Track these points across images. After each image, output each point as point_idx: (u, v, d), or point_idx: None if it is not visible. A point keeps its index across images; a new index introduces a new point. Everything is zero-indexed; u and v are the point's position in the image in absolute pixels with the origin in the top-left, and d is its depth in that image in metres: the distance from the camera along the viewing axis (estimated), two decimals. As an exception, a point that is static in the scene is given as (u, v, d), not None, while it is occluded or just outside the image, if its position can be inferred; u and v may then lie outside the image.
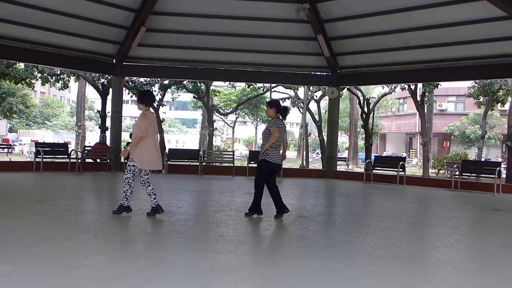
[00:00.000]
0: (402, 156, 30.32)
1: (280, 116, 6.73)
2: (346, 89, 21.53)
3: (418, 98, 20.64)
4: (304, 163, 24.43)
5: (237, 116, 40.48)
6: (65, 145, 15.59)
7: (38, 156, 12.98)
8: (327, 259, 4.56)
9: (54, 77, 18.78)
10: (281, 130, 6.58)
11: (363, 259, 4.51)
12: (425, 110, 22.39)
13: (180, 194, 9.47)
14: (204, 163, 14.97)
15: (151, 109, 6.64)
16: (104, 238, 5.12)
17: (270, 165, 6.59)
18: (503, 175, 14.04)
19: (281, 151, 6.82)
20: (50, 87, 27.22)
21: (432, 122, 28.30)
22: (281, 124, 6.67)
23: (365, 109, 20.94)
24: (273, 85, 24.47)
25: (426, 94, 21.15)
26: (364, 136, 22.29)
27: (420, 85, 21.14)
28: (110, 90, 17.01)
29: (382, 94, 23.93)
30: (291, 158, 36.36)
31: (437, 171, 25.18)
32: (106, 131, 17.17)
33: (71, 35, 13.04)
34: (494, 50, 11.91)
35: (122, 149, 14.69)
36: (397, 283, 3.82)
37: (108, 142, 15.37)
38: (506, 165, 18.11)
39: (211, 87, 23.93)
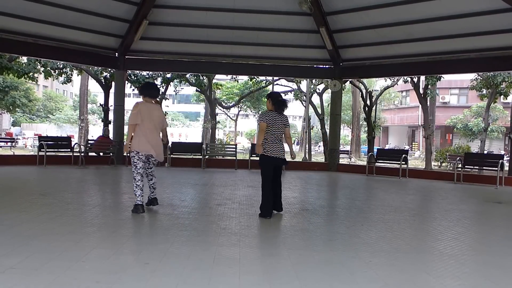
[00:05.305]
0: (405, 149, 30.33)
1: (275, 108, 6.31)
2: (348, 82, 21.48)
3: (421, 91, 20.58)
4: (307, 156, 24.44)
5: (239, 109, 40.42)
6: (68, 138, 15.62)
7: (42, 149, 13.02)
8: (329, 252, 4.58)
9: (57, 70, 18.79)
10: (269, 124, 6.19)
11: (365, 252, 4.52)
12: (428, 103, 22.33)
13: (183, 187, 9.50)
14: (206, 156, 15.00)
15: (153, 101, 6.48)
16: (108, 231, 5.14)
17: (269, 159, 6.22)
18: (506, 168, 14.02)
19: (282, 145, 6.39)
20: (53, 80, 27.27)
21: (435, 115, 28.22)
22: (271, 117, 6.23)
23: (368, 102, 20.90)
24: (275, 78, 24.41)
25: (429, 86, 21.10)
26: (366, 129, 22.26)
27: (422, 77, 21.08)
28: (113, 83, 17.04)
29: (385, 87, 23.89)
30: (294, 151, 36.34)
31: (439, 164, 25.18)
32: (109, 125, 17.21)
33: (73, 28, 13.05)
34: (497, 42, 11.86)
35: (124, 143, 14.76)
36: (400, 276, 3.83)
37: (111, 135, 15.40)
38: (508, 158, 18.11)
39: (214, 81, 23.91)
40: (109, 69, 17.64)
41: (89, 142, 16.08)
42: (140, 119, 6.09)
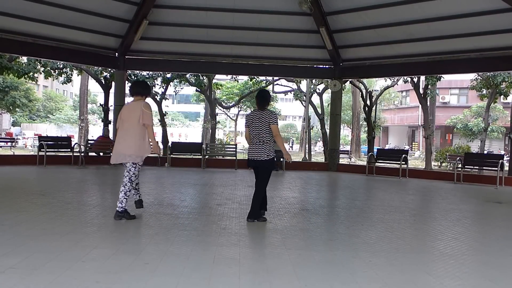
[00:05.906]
0: (405, 149, 30.33)
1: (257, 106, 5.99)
2: (348, 82, 21.48)
3: (421, 91, 20.58)
4: (307, 156, 24.44)
5: (239, 109, 40.45)
6: (68, 138, 15.62)
7: (42, 149, 13.02)
8: (329, 252, 4.58)
9: (57, 70, 18.79)
10: (247, 125, 5.97)
11: (365, 252, 4.52)
12: (428, 103, 22.31)
13: (183, 187, 9.49)
14: (206, 156, 14.99)
15: (143, 99, 5.88)
16: (108, 231, 5.15)
17: (247, 160, 6.05)
18: (506, 168, 14.02)
19: (257, 146, 5.85)
20: (53, 80, 27.28)
21: (435, 115, 28.22)
22: (248, 118, 5.95)
23: (368, 102, 20.90)
24: (275, 78, 24.42)
25: (429, 86, 21.08)
26: (366, 129, 22.27)
27: (422, 77, 21.07)
28: (113, 83, 17.03)
29: (385, 87, 23.89)
30: (294, 151, 36.38)
31: (439, 164, 25.18)
32: (109, 125, 17.20)
33: (73, 28, 13.05)
34: (497, 42, 11.86)
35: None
36: (400, 276, 3.83)
37: (111, 135, 15.39)
38: (508, 158, 18.11)
39: (214, 81, 23.89)
40: (109, 69, 17.63)
41: (89, 142, 16.08)
42: (120, 122, 5.87)
